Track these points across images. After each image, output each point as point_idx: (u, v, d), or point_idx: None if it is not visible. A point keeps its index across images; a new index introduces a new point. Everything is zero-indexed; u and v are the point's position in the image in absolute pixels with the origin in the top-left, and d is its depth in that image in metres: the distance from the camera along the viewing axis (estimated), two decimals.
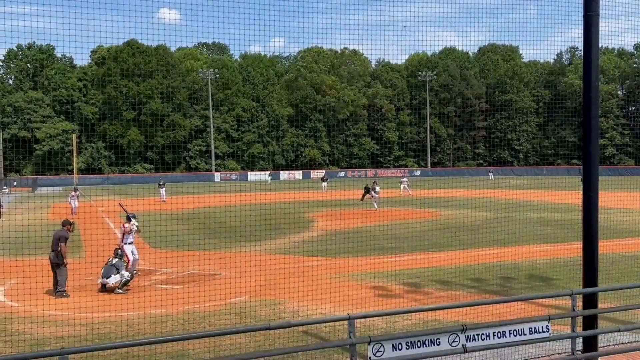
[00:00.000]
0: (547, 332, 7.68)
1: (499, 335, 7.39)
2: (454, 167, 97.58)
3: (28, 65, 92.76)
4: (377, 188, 35.24)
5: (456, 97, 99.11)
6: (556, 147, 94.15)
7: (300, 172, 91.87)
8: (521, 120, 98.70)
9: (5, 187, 60.44)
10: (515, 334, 7.46)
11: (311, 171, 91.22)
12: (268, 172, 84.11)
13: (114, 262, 14.69)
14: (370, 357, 7.12)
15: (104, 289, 14.53)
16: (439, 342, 7.35)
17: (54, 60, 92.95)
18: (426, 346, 7.30)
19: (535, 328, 7.51)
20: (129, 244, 15.61)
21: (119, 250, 15.17)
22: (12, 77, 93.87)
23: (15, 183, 67.96)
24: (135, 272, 15.43)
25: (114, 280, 14.46)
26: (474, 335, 7.30)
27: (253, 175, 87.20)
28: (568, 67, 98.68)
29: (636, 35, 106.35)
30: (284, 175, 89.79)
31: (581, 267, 9.20)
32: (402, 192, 47.15)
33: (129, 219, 15.95)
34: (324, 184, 54.39)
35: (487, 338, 7.53)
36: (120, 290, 14.35)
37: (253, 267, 17.07)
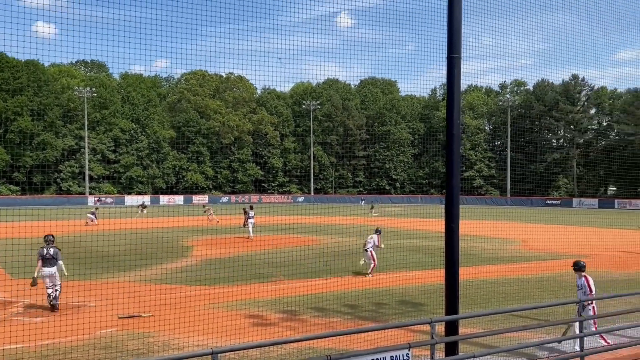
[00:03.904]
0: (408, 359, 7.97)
1: None
2: (336, 194, 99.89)
3: None
4: (251, 213, 34.80)
5: (338, 126, 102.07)
6: (430, 177, 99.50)
7: (182, 196, 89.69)
8: (398, 151, 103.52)
9: None
10: None
11: (193, 196, 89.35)
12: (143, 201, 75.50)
13: None
14: None
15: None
16: None
17: None
18: None
19: (396, 356, 7.77)
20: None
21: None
22: None
23: None
24: None
25: None
26: None
27: (130, 199, 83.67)
28: (441, 103, 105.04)
29: (500, 76, 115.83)
30: (164, 200, 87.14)
31: None
32: (208, 218, 47.45)
33: (378, 232, 22.16)
34: (140, 210, 55.77)
35: None
36: None
37: (124, 297, 16.28)
